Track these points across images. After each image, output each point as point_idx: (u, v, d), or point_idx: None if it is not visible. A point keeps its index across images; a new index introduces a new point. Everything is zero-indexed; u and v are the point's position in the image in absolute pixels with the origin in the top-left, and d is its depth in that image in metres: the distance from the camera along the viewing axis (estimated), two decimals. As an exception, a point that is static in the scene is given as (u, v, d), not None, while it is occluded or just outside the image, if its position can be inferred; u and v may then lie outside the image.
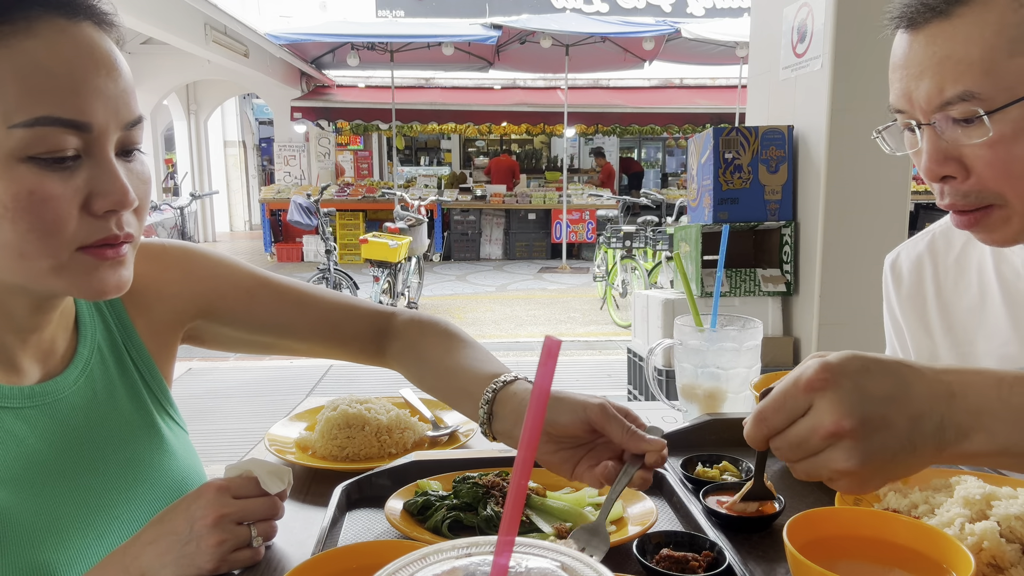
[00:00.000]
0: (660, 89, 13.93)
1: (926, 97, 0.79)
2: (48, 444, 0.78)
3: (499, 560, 0.46)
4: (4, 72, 0.62)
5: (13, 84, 0.62)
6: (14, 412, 0.76)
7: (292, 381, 5.20)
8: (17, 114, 0.63)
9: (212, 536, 0.72)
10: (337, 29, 11.13)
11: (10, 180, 0.64)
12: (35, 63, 0.63)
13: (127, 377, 0.90)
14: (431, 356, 0.96)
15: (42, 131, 0.64)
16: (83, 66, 0.66)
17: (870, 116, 2.67)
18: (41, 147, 0.64)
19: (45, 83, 0.64)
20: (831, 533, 0.71)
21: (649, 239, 7.20)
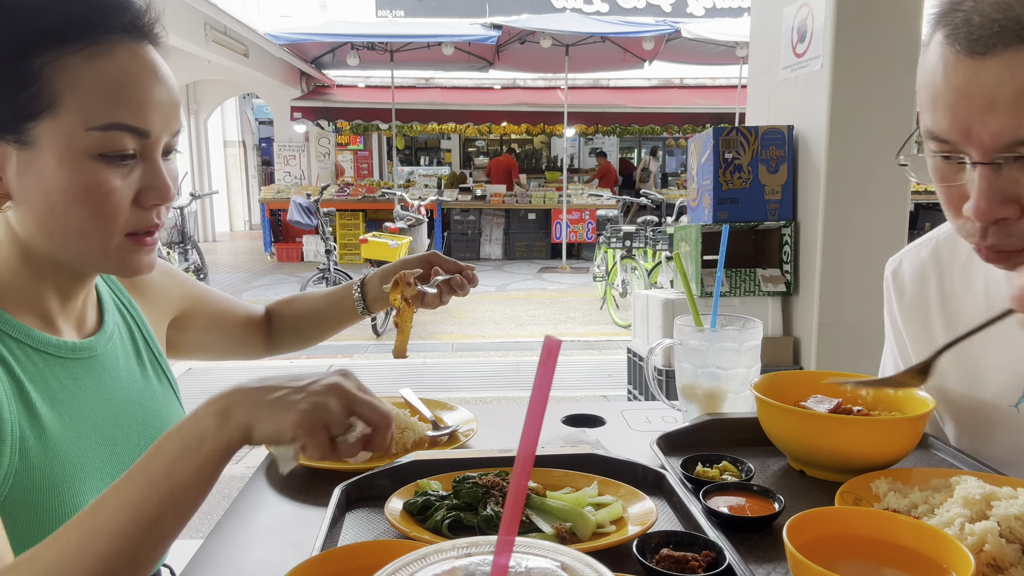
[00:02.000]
0: (660, 89, 13.93)
1: (994, 134, 0.70)
2: (85, 396, 0.89)
3: (499, 560, 0.46)
4: (88, 84, 0.75)
5: (94, 95, 0.75)
6: (60, 362, 0.86)
7: (292, 381, 5.18)
8: (95, 119, 0.76)
9: (317, 396, 0.68)
10: (337, 29, 11.13)
11: (83, 173, 0.77)
12: (112, 78, 0.76)
13: (140, 356, 1.01)
14: (299, 299, 1.32)
15: (112, 135, 0.77)
16: (148, 82, 0.80)
17: (870, 116, 2.67)
18: (109, 147, 0.77)
19: (119, 95, 0.77)
20: (831, 533, 0.71)
21: (649, 239, 7.20)
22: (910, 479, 0.89)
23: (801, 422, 0.97)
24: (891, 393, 1.07)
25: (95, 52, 0.76)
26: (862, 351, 2.78)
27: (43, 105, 0.75)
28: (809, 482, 0.99)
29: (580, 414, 1.34)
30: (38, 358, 0.85)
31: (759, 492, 0.89)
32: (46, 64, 0.74)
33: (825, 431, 0.96)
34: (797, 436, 0.99)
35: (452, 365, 5.87)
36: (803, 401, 1.07)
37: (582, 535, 0.81)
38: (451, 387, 5.23)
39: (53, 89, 0.74)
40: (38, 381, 0.84)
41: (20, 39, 0.74)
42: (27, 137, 0.75)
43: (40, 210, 0.78)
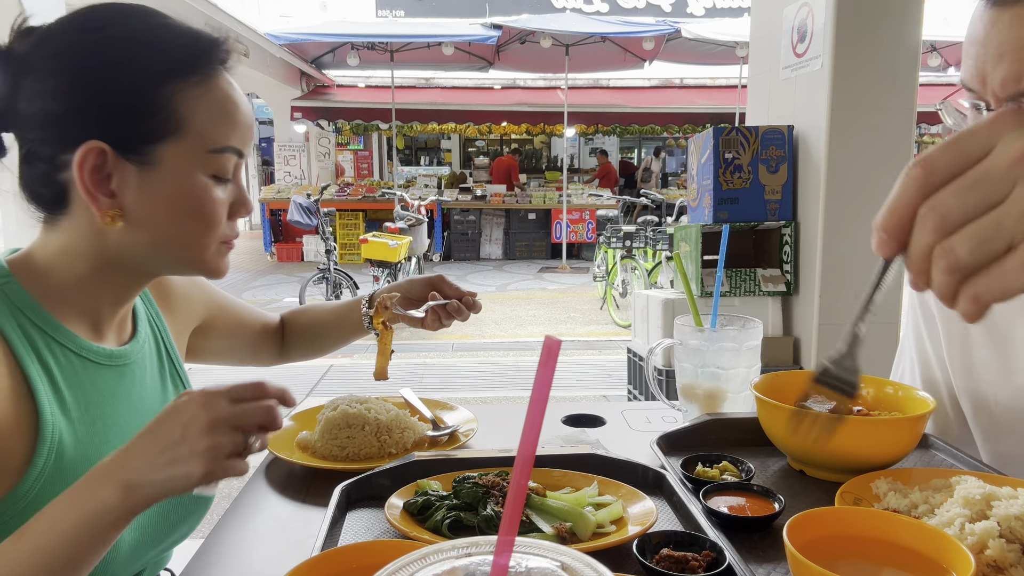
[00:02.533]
0: (660, 89, 13.93)
1: (1001, 81, 0.75)
2: (116, 402, 0.92)
3: (499, 560, 0.46)
4: (205, 111, 0.84)
5: (210, 120, 0.84)
6: (97, 368, 0.90)
7: (292, 381, 5.20)
8: (212, 143, 0.85)
9: (206, 440, 0.70)
10: (337, 29, 11.13)
11: (200, 190, 0.85)
12: (221, 105, 0.86)
13: (162, 366, 1.05)
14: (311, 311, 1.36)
15: (224, 156, 0.86)
16: (243, 107, 0.89)
17: (870, 116, 2.67)
18: (219, 167, 0.86)
19: (227, 120, 0.86)
20: (831, 533, 0.71)
21: (649, 239, 7.20)
22: (910, 479, 0.89)
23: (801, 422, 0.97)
24: (891, 394, 1.06)
25: (207, 82, 0.85)
26: (862, 351, 2.77)
27: (169, 130, 0.82)
28: (809, 482, 0.99)
29: (580, 414, 1.34)
30: (78, 363, 0.88)
31: (759, 492, 0.89)
32: (174, 93, 0.82)
33: (825, 431, 0.95)
34: (797, 436, 0.99)
35: (452, 365, 5.87)
36: (803, 401, 1.07)
37: (582, 535, 0.81)
38: (451, 387, 5.23)
39: (179, 115, 0.82)
40: (75, 386, 0.87)
41: (154, 71, 0.82)
42: (151, 158, 0.82)
43: (154, 224, 0.85)
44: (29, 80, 0.81)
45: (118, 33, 0.82)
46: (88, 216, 0.84)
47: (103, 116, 0.81)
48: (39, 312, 0.85)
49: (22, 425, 0.80)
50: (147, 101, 0.81)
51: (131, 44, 0.82)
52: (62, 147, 0.81)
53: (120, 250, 0.87)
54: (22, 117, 0.82)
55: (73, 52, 0.81)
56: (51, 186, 0.84)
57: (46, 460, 0.81)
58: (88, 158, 0.80)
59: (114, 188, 0.82)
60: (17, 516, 0.80)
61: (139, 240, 0.86)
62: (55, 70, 0.81)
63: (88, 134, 0.80)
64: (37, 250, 0.89)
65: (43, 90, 0.81)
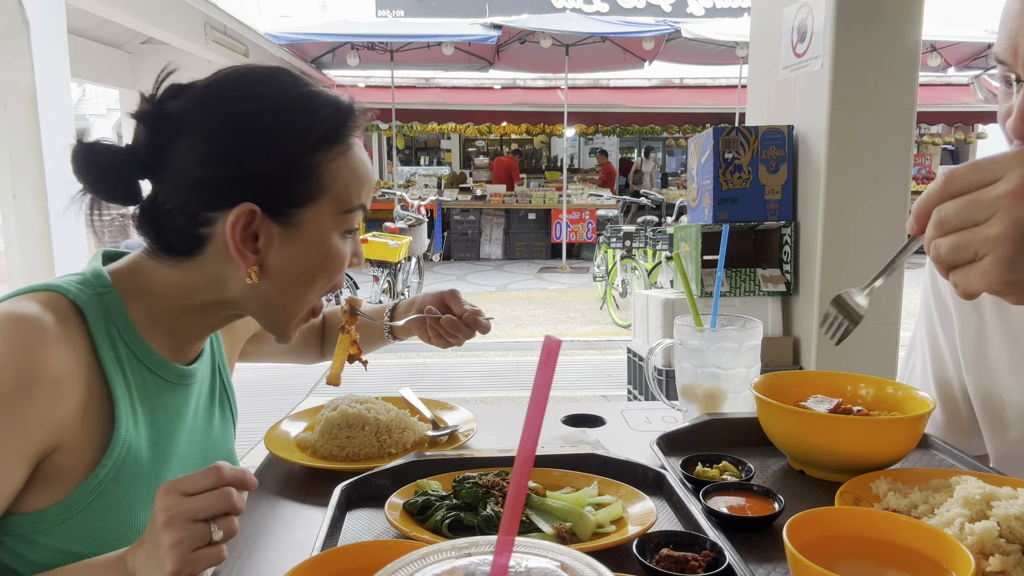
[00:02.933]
0: (660, 89, 13.92)
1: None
2: (178, 420, 0.96)
3: (499, 560, 0.46)
4: (343, 176, 0.89)
5: (347, 184, 0.90)
6: (168, 386, 0.94)
7: (292, 381, 5.19)
8: (347, 203, 0.91)
9: (167, 537, 0.71)
10: (337, 29, 11.12)
11: (332, 247, 0.91)
12: (356, 169, 0.91)
13: (213, 386, 1.07)
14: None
15: (354, 214, 0.92)
16: (370, 168, 0.95)
17: (870, 116, 2.67)
18: (349, 224, 0.93)
19: (360, 182, 0.92)
20: (831, 533, 0.71)
21: (649, 239, 7.20)
22: (910, 479, 0.89)
23: (801, 422, 0.97)
24: (891, 394, 1.07)
25: (348, 150, 0.90)
26: (862, 351, 2.78)
27: (314, 194, 0.88)
28: (809, 482, 0.99)
29: (580, 414, 1.34)
30: (151, 380, 0.91)
31: (759, 492, 0.89)
32: (321, 162, 0.87)
33: (825, 431, 0.96)
34: (797, 436, 0.99)
35: (452, 365, 5.87)
36: (803, 401, 1.07)
37: (582, 535, 0.81)
38: (451, 387, 5.23)
39: (323, 181, 0.88)
40: (146, 402, 0.90)
41: (306, 141, 0.87)
42: (294, 220, 0.87)
43: (285, 278, 0.90)
44: (183, 142, 0.85)
45: (271, 104, 0.86)
46: (217, 265, 0.88)
47: (257, 182, 0.85)
48: (128, 327, 0.88)
49: (93, 439, 0.83)
50: (298, 169, 0.86)
51: (285, 115, 0.86)
52: (211, 207, 0.85)
53: (238, 297, 0.91)
54: (172, 174, 0.85)
55: (230, 122, 0.85)
56: (187, 238, 0.87)
57: (108, 472, 0.84)
58: (240, 219, 0.84)
59: (260, 246, 0.87)
60: (65, 523, 0.82)
61: (263, 291, 0.90)
62: (211, 137, 0.85)
63: (241, 197, 0.84)
64: (145, 273, 0.91)
65: (199, 155, 0.84)
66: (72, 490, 0.82)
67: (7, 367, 0.76)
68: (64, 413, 0.80)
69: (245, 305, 0.93)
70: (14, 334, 0.78)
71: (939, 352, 1.17)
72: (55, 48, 3.85)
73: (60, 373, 0.79)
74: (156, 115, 0.86)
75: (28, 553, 0.82)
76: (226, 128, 0.85)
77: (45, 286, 0.85)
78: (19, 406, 0.77)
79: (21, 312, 0.79)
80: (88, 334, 0.84)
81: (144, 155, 0.86)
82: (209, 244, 0.87)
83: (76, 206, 0.88)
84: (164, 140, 0.85)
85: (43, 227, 3.71)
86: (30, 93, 3.66)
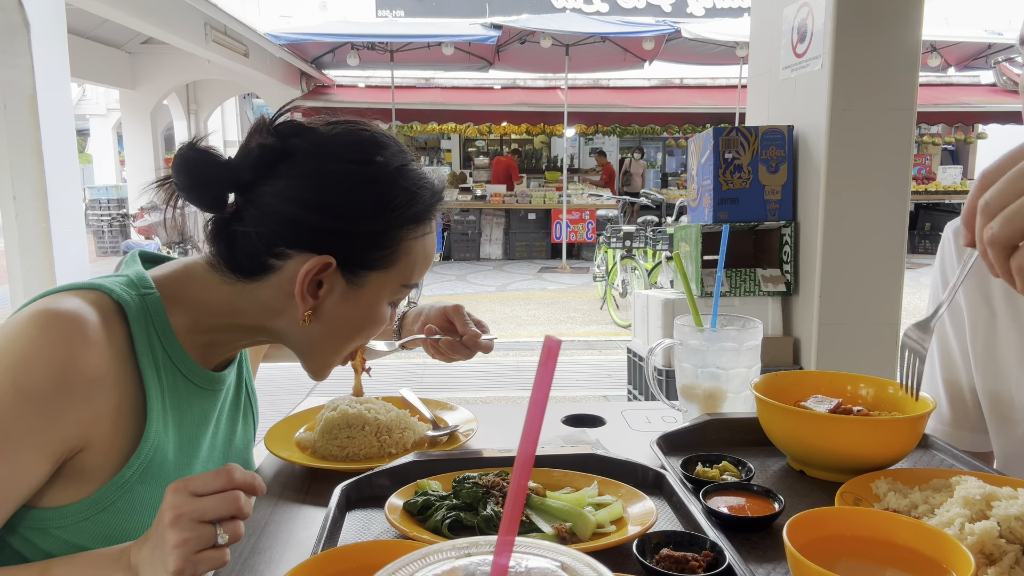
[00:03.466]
0: (660, 89, 13.92)
1: None
2: (204, 424, 0.97)
3: (499, 560, 0.46)
4: (415, 255, 0.94)
5: (415, 263, 0.94)
6: (197, 391, 0.95)
7: (292, 381, 5.19)
8: (407, 279, 0.95)
9: (172, 536, 0.71)
10: (337, 29, 11.13)
11: (383, 314, 0.95)
12: (425, 252, 0.96)
13: (238, 393, 1.09)
14: None
15: (409, 289, 0.97)
16: (434, 253, 0.99)
17: (870, 116, 2.67)
18: (402, 297, 0.97)
19: (425, 263, 0.96)
20: (831, 533, 0.71)
21: (649, 239, 7.20)
22: (910, 479, 0.89)
23: (801, 422, 0.97)
24: (891, 394, 1.07)
25: (428, 233, 0.95)
26: (862, 351, 2.78)
27: (387, 264, 0.92)
28: (809, 482, 0.99)
29: (580, 414, 1.34)
30: (183, 384, 0.92)
31: (759, 492, 0.89)
32: (405, 237, 0.92)
33: (825, 431, 0.96)
34: (797, 436, 0.99)
35: (452, 365, 5.85)
36: (803, 401, 1.07)
37: (582, 535, 0.81)
38: (451, 387, 5.23)
39: (399, 254, 0.92)
40: (176, 405, 0.92)
41: (403, 217, 0.91)
42: (360, 280, 0.91)
43: (333, 327, 0.93)
44: (289, 179, 0.87)
45: (383, 174, 0.89)
46: (273, 295, 0.91)
47: (346, 240, 0.89)
48: (167, 331, 0.90)
49: (122, 439, 0.84)
50: (386, 239, 0.91)
51: (392, 187, 0.90)
52: (292, 244, 0.88)
53: (283, 330, 0.94)
54: (266, 201, 0.87)
55: (343, 179, 0.88)
56: (256, 262, 0.89)
57: (134, 472, 0.85)
58: (316, 267, 0.88)
59: (321, 294, 0.90)
60: (88, 520, 0.83)
61: (309, 331, 0.93)
62: (319, 186, 0.87)
63: (326, 248, 0.88)
64: (194, 283, 0.93)
65: (302, 197, 0.87)
66: (97, 488, 0.83)
67: (46, 363, 0.77)
68: (97, 413, 0.81)
69: (287, 339, 0.96)
70: (56, 331, 0.78)
71: (949, 352, 1.17)
72: (55, 48, 3.85)
73: (98, 373, 0.80)
74: (272, 148, 0.88)
75: (42, 543, 0.83)
76: (338, 183, 0.88)
77: (89, 284, 0.86)
78: (54, 404, 0.77)
79: (65, 308, 0.80)
80: (129, 335, 0.85)
81: (245, 175, 0.88)
82: (273, 274, 0.90)
83: (153, 192, 0.93)
84: (271, 170, 0.87)
85: (43, 227, 3.71)
86: (30, 93, 3.66)
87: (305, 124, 0.91)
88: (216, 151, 0.89)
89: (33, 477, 0.78)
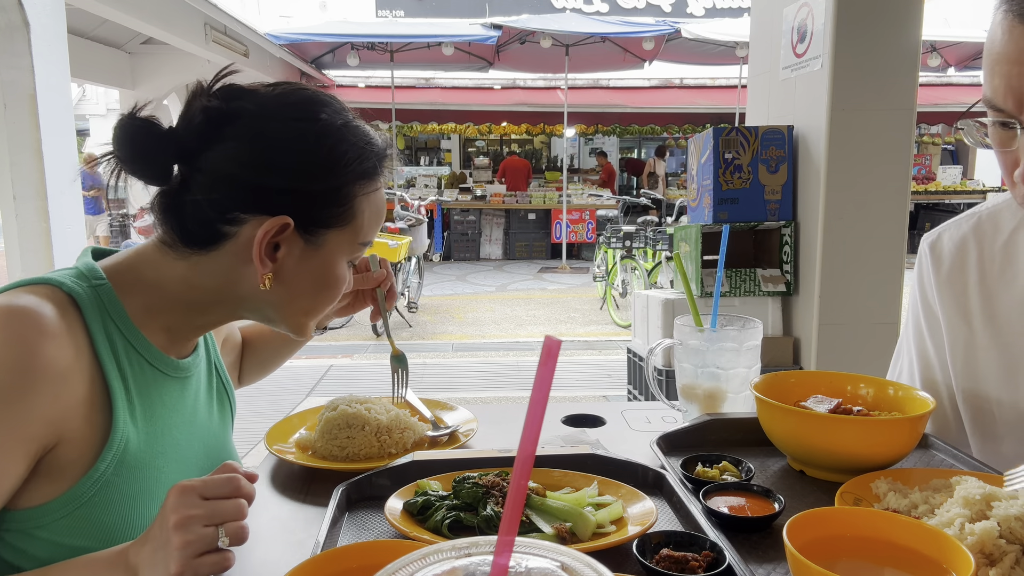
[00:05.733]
0: (660, 89, 13.92)
1: None
2: (175, 413, 0.96)
3: (499, 560, 0.46)
4: (369, 211, 0.94)
5: (369, 219, 0.95)
6: (165, 378, 0.94)
7: (292, 381, 5.20)
8: (364, 236, 0.95)
9: (177, 537, 0.71)
10: (337, 29, 11.13)
11: (341, 272, 0.95)
12: (378, 208, 0.97)
13: (211, 380, 1.07)
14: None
15: (365, 247, 0.97)
16: (385, 210, 1.00)
17: (870, 116, 2.67)
18: (358, 255, 0.98)
19: (377, 221, 0.97)
20: (831, 533, 0.71)
21: (649, 239, 7.20)
22: (910, 479, 0.89)
23: (801, 422, 0.97)
24: (891, 394, 1.07)
25: (379, 188, 0.96)
26: (862, 351, 2.78)
27: (343, 221, 0.92)
28: (809, 482, 0.99)
29: (580, 414, 1.34)
30: (149, 372, 0.91)
31: (759, 492, 0.89)
32: (358, 193, 0.92)
33: (825, 431, 0.96)
34: (797, 436, 0.99)
35: (452, 365, 5.87)
36: (803, 401, 1.07)
37: (582, 535, 0.81)
38: (451, 387, 5.23)
39: (353, 211, 0.92)
40: (144, 395, 0.90)
41: (354, 172, 0.91)
42: (318, 239, 0.91)
43: (294, 290, 0.93)
44: (235, 142, 0.86)
45: (331, 130, 0.90)
46: (229, 263, 0.90)
47: (300, 199, 0.88)
48: (124, 319, 0.88)
49: (93, 432, 0.83)
50: (339, 196, 0.91)
51: (341, 143, 0.90)
52: (245, 208, 0.87)
53: (245, 297, 0.93)
54: (213, 168, 0.86)
55: (290, 137, 0.88)
56: (209, 231, 0.88)
57: (108, 466, 0.84)
58: (273, 229, 0.87)
59: (279, 256, 0.90)
60: (67, 517, 0.82)
61: (270, 297, 0.93)
62: (268, 147, 0.87)
63: (281, 209, 0.87)
64: (146, 266, 0.91)
65: (250, 159, 0.86)
66: (73, 484, 0.82)
67: (8, 361, 0.76)
68: (66, 406, 0.80)
69: (250, 309, 0.95)
70: (14, 327, 0.77)
71: (927, 356, 1.16)
72: (55, 48, 3.85)
73: (61, 366, 0.79)
74: (215, 110, 0.87)
75: (28, 547, 0.82)
76: (285, 143, 0.88)
77: (39, 279, 0.84)
78: (20, 401, 0.76)
79: (20, 305, 0.79)
80: (85, 326, 0.84)
81: (189, 143, 0.86)
82: (228, 241, 0.88)
83: (72, 177, 0.90)
84: (215, 135, 0.86)
85: (43, 227, 3.71)
86: (30, 93, 3.66)
87: (245, 87, 0.90)
88: (158, 120, 0.87)
89: (10, 477, 0.77)
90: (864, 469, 0.93)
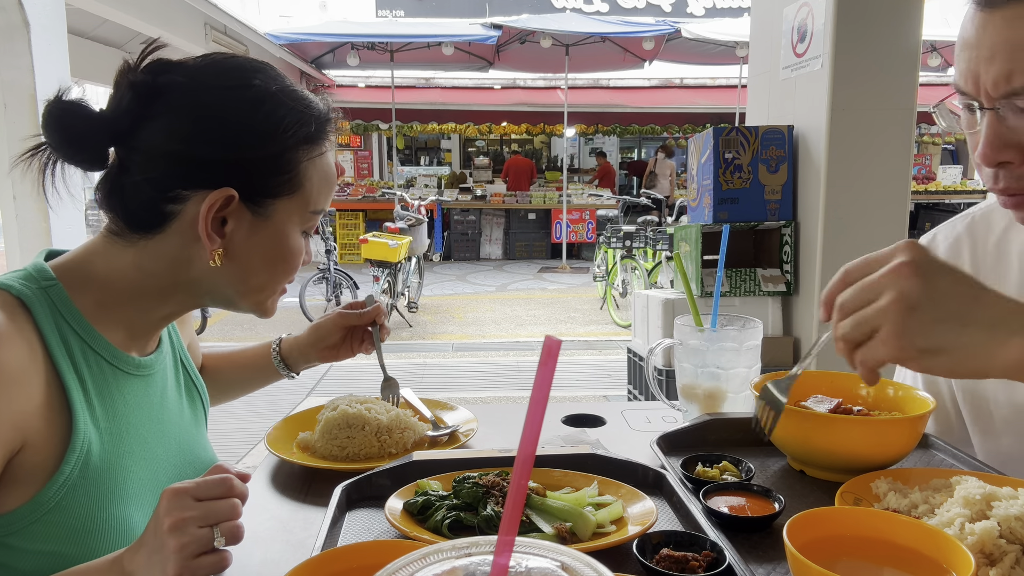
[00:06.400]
0: (660, 89, 13.92)
1: (993, 82, 0.77)
2: (139, 411, 0.94)
3: (499, 560, 0.46)
4: (316, 177, 0.93)
5: (318, 186, 0.93)
6: (125, 377, 0.92)
7: (292, 381, 5.19)
8: (315, 205, 0.94)
9: (172, 540, 0.71)
10: (337, 29, 11.13)
11: (295, 242, 0.94)
12: (326, 174, 0.95)
13: (178, 376, 1.06)
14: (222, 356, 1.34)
15: (317, 216, 0.95)
16: (335, 177, 0.99)
17: (870, 116, 2.67)
18: (311, 225, 0.96)
19: (328, 188, 0.95)
20: (831, 533, 0.71)
21: (649, 239, 7.20)
22: (910, 479, 0.89)
23: (801, 422, 0.97)
24: (891, 394, 1.07)
25: (324, 153, 0.94)
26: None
27: (290, 189, 0.90)
28: (809, 482, 0.99)
29: (580, 414, 1.34)
30: (109, 371, 0.89)
31: (759, 492, 0.89)
32: (302, 159, 0.90)
33: (825, 431, 0.96)
34: (797, 436, 0.99)
35: (452, 365, 5.87)
36: (803, 401, 1.07)
37: (582, 535, 0.81)
38: (451, 387, 5.23)
39: (300, 178, 0.90)
40: (105, 395, 0.88)
41: (295, 137, 0.89)
42: (267, 211, 0.89)
43: (247, 265, 0.91)
44: (168, 117, 0.84)
45: (266, 96, 0.88)
46: (178, 244, 0.88)
47: (241, 169, 0.86)
48: (79, 318, 0.86)
49: (54, 435, 0.81)
50: (282, 162, 0.89)
51: (278, 108, 0.88)
52: (186, 184, 0.85)
53: (199, 279, 0.91)
54: (149, 146, 0.84)
55: (224, 106, 0.86)
56: (153, 212, 0.86)
57: (72, 468, 0.82)
58: (218, 202, 0.85)
59: (227, 230, 0.88)
60: (36, 523, 0.81)
61: (224, 275, 0.91)
62: (202, 118, 0.85)
63: (223, 182, 0.85)
64: (96, 259, 0.90)
65: (186, 133, 0.84)
66: (39, 489, 0.80)
67: None
68: (25, 410, 0.78)
69: (205, 290, 0.93)
70: None
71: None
72: (55, 48, 3.85)
73: (16, 369, 0.77)
74: (143, 85, 0.84)
75: (6, 559, 0.81)
76: (219, 112, 0.86)
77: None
78: None
79: None
80: (37, 329, 0.82)
81: (122, 123, 0.84)
82: (174, 221, 0.87)
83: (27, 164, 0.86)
84: (147, 112, 0.84)
85: (43, 227, 3.71)
86: (30, 93, 3.66)
87: (173, 61, 0.87)
88: (87, 102, 0.84)
89: None
90: (864, 469, 0.93)
